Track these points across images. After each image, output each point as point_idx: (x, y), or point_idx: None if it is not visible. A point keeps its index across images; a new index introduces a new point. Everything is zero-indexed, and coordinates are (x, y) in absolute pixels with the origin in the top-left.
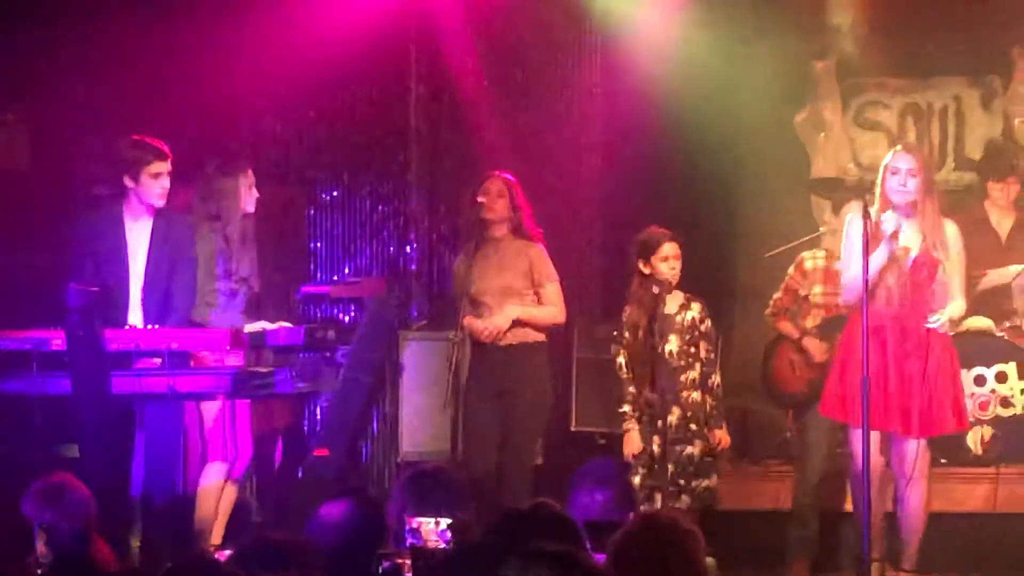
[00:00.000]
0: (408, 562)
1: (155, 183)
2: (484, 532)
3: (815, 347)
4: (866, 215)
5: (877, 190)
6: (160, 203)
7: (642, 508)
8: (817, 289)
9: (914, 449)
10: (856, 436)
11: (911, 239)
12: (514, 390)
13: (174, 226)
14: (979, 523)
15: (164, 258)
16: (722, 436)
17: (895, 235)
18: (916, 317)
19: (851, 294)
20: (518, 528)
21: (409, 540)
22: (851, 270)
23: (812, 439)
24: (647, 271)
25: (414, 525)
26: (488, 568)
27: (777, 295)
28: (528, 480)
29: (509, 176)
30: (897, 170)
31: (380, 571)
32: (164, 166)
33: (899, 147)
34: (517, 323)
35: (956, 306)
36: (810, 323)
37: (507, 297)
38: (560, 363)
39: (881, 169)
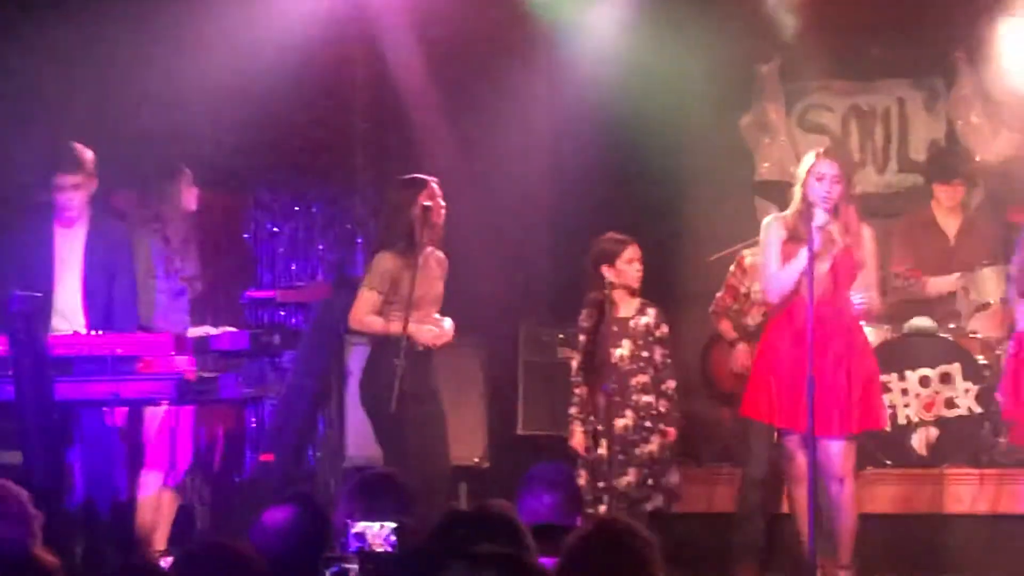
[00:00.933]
0: (355, 567)
1: (59, 196)
2: (429, 534)
3: (741, 356)
4: (809, 217)
5: (797, 193)
6: (67, 213)
7: (589, 512)
8: (756, 286)
9: (840, 448)
10: (788, 438)
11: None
12: (437, 392)
13: (108, 234)
14: (924, 524)
15: (100, 266)
16: (673, 433)
17: (823, 229)
18: (836, 318)
19: (773, 294)
20: (463, 530)
21: (355, 544)
22: (771, 270)
23: (752, 441)
24: (611, 276)
25: (358, 529)
26: (435, 571)
27: (720, 293)
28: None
29: None
30: (823, 176)
31: None
32: (67, 180)
33: (820, 151)
34: None
35: (875, 303)
36: (751, 321)
37: (437, 306)
38: (506, 366)
39: (803, 173)
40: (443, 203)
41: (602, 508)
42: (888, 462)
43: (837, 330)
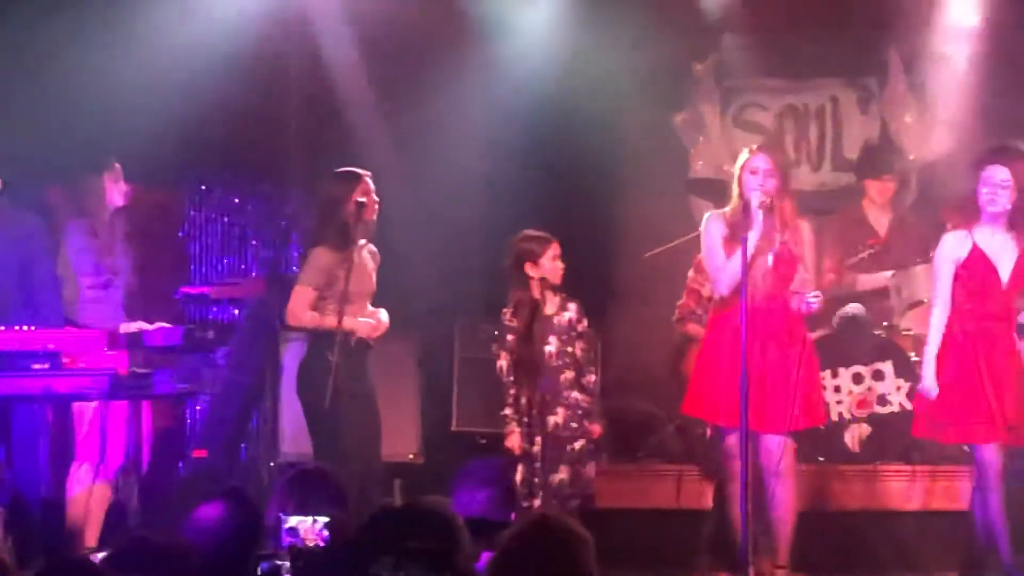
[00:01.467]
0: (287, 563)
1: None
2: (360, 529)
3: None
4: (747, 213)
5: (734, 190)
6: None
7: (523, 505)
8: None
9: (779, 445)
10: (730, 436)
11: (770, 237)
12: (372, 390)
13: (19, 226)
14: (857, 520)
15: (11, 260)
16: (596, 428)
17: (764, 206)
18: (777, 313)
19: (723, 285)
20: (394, 525)
21: (287, 540)
22: (715, 263)
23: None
24: (534, 273)
25: (292, 524)
26: (365, 565)
27: (681, 300)
28: None
29: None
30: (756, 170)
31: (259, 572)
32: None
33: (754, 147)
34: None
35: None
36: None
37: (370, 299)
38: (441, 363)
39: (738, 169)
40: (376, 198)
41: (536, 502)
42: (821, 458)
43: (780, 326)
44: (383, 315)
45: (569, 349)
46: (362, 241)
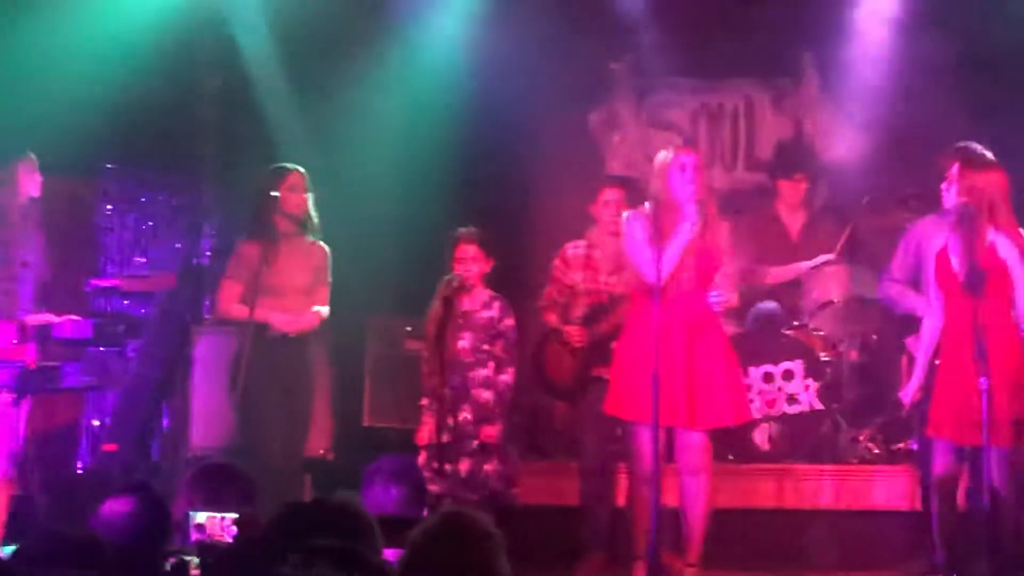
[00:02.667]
0: (194, 559)
1: None
2: (268, 526)
3: (575, 333)
4: (681, 209)
5: (657, 188)
6: None
7: (431, 488)
8: (578, 276)
9: (697, 442)
10: (642, 433)
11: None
12: (299, 386)
13: None
14: (766, 519)
15: None
16: (491, 431)
17: (699, 201)
18: (698, 310)
19: (650, 278)
20: (303, 522)
21: (195, 536)
22: (641, 259)
23: (583, 433)
24: (450, 270)
25: (200, 520)
26: (273, 562)
27: (546, 288)
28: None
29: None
30: (684, 166)
31: (167, 568)
32: None
33: (679, 144)
34: None
35: (732, 299)
36: (579, 312)
37: (305, 295)
38: (353, 358)
39: (663, 168)
40: (308, 194)
41: (436, 488)
42: (730, 457)
43: (701, 322)
44: (313, 310)
45: (486, 347)
46: (310, 238)
